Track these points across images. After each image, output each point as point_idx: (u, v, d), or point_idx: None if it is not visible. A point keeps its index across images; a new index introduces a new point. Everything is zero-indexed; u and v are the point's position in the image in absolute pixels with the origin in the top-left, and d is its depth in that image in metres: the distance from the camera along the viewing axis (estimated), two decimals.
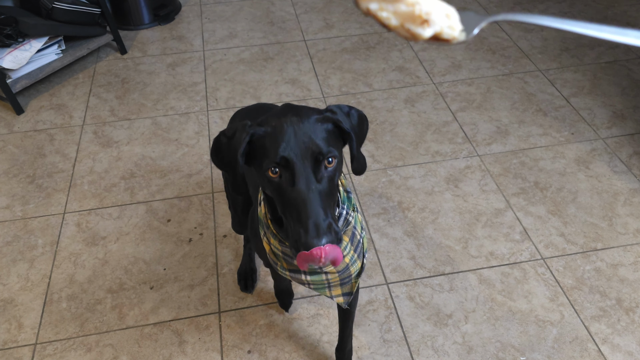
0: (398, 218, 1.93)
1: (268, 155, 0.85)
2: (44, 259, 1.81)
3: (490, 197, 2.00)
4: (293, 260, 1.06)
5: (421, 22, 0.46)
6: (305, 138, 0.84)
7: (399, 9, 0.45)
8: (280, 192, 0.86)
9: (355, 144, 0.93)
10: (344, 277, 1.10)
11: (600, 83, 2.53)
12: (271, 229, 1.04)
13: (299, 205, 0.82)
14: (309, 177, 0.83)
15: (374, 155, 2.18)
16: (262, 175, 0.88)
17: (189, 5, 3.22)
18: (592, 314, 1.62)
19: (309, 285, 1.12)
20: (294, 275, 1.10)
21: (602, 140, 2.21)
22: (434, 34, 0.47)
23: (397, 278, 1.73)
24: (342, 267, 1.07)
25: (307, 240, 0.80)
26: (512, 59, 2.71)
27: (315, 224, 0.81)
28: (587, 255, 1.79)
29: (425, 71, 2.64)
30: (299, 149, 0.83)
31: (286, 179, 0.85)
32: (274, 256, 1.09)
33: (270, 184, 0.87)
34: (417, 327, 1.60)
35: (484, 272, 1.74)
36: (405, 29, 0.46)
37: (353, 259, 1.09)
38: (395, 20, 0.46)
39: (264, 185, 0.90)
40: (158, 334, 1.60)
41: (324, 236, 0.80)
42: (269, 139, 0.85)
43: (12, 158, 2.20)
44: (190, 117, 2.40)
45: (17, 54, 2.35)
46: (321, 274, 1.08)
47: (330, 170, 0.86)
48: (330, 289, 1.13)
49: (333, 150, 0.85)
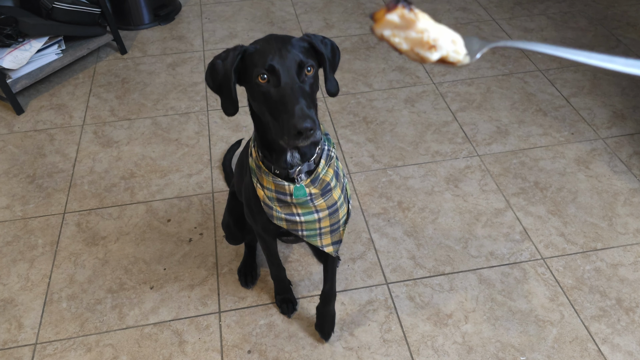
0: (398, 218, 1.93)
1: (257, 65, 0.99)
2: (44, 258, 1.81)
3: (490, 197, 2.00)
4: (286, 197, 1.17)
5: (429, 47, 0.51)
6: (288, 52, 0.99)
7: (410, 36, 0.52)
8: (268, 96, 0.99)
9: (328, 65, 1.10)
10: (333, 222, 1.24)
11: (600, 83, 2.53)
12: (263, 168, 1.16)
13: (286, 99, 0.96)
14: (293, 78, 0.98)
15: (374, 155, 2.18)
16: (252, 86, 1.02)
17: (189, 5, 3.22)
18: (592, 314, 1.62)
19: (303, 233, 1.23)
20: (289, 218, 1.20)
21: (602, 140, 2.21)
22: (440, 57, 0.52)
23: (397, 278, 1.73)
24: (332, 203, 1.20)
25: (294, 122, 0.92)
26: (512, 59, 2.71)
27: (300, 109, 0.94)
28: (587, 255, 1.79)
29: (425, 71, 2.64)
30: (283, 59, 0.98)
31: (273, 83, 0.99)
32: (269, 201, 1.19)
33: (260, 90, 1.00)
34: (417, 327, 1.60)
35: (484, 272, 1.74)
36: (415, 52, 0.52)
37: (341, 200, 1.23)
38: (406, 45, 0.52)
39: (254, 96, 1.03)
40: (158, 334, 1.60)
41: (307, 119, 0.93)
42: (258, 54, 1.01)
43: (12, 158, 2.20)
44: (190, 117, 2.40)
45: (17, 54, 2.35)
46: (313, 213, 1.20)
47: (310, 77, 1.02)
48: (321, 238, 1.26)
49: (310, 61, 1.02)
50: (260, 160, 1.17)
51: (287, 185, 1.16)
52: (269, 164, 1.16)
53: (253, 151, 1.20)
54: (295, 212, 1.20)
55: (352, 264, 1.77)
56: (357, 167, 2.13)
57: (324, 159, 1.18)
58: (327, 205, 1.20)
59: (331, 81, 1.14)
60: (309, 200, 1.18)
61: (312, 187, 1.17)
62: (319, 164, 1.17)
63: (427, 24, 0.51)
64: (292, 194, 1.16)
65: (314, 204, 1.19)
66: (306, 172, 1.16)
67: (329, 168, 1.19)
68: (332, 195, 1.20)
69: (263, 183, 1.18)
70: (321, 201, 1.19)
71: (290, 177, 1.15)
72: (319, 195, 1.18)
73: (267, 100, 0.99)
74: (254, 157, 1.19)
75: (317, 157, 1.17)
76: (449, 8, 3.14)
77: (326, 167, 1.18)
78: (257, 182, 1.20)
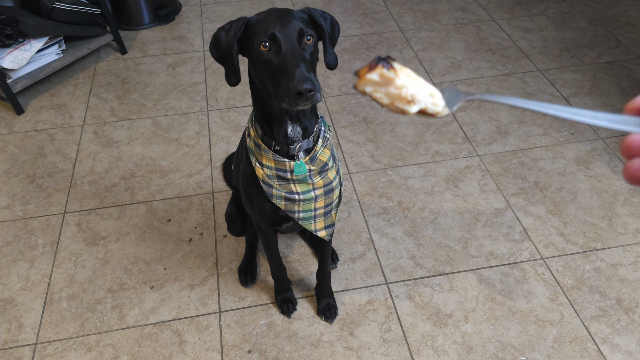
0: (398, 218, 1.93)
1: (259, 34, 1.02)
2: (44, 258, 1.81)
3: (490, 197, 2.00)
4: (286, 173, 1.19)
5: (407, 102, 0.55)
6: (289, 22, 1.02)
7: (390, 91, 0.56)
8: (270, 63, 1.01)
9: (327, 38, 1.12)
10: (327, 202, 1.28)
11: (600, 83, 2.53)
12: (262, 145, 1.18)
13: (286, 63, 0.98)
14: (293, 45, 1.01)
15: (373, 155, 2.18)
16: (255, 54, 1.04)
17: (189, 6, 3.22)
18: (592, 314, 1.62)
19: (299, 215, 1.27)
20: (289, 196, 1.23)
21: (601, 140, 2.21)
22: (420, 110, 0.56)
23: (397, 278, 1.73)
24: (328, 182, 1.25)
25: (294, 84, 0.94)
26: (512, 59, 2.71)
27: (301, 72, 0.96)
28: (587, 255, 1.79)
29: (425, 71, 2.65)
30: (284, 28, 1.01)
31: (275, 50, 1.01)
32: (268, 180, 1.22)
33: (262, 58, 1.02)
34: (417, 326, 1.60)
35: (483, 272, 1.75)
36: (395, 106, 0.56)
37: (336, 180, 1.28)
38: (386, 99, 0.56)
39: (256, 64, 1.05)
40: (158, 334, 1.60)
41: (307, 81, 0.95)
42: (260, 24, 1.04)
43: (13, 158, 2.20)
44: (190, 117, 2.40)
45: (18, 54, 2.35)
46: (311, 191, 1.23)
47: (310, 45, 1.04)
48: (315, 220, 1.30)
49: (310, 30, 1.04)
50: (260, 138, 1.19)
51: (288, 162, 1.19)
52: (269, 140, 1.18)
53: (251, 130, 1.22)
54: (294, 191, 1.23)
55: (352, 264, 1.78)
56: (357, 167, 2.13)
57: (321, 139, 1.22)
58: (323, 183, 1.25)
59: (330, 54, 1.17)
60: (308, 176, 1.22)
61: (310, 165, 1.21)
62: (317, 143, 1.21)
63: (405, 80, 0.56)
64: (293, 171, 1.20)
65: (312, 181, 1.23)
66: (304, 150, 1.19)
67: (325, 149, 1.23)
68: (327, 175, 1.25)
69: (262, 161, 1.21)
70: (318, 179, 1.24)
71: (290, 153, 1.18)
72: (317, 173, 1.23)
73: (268, 67, 1.02)
74: (253, 135, 1.21)
75: (315, 136, 1.20)
76: (449, 8, 3.14)
77: (323, 147, 1.22)
78: (256, 161, 1.22)
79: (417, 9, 3.15)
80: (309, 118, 1.17)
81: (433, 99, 0.56)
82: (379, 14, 3.11)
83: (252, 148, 1.23)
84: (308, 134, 1.18)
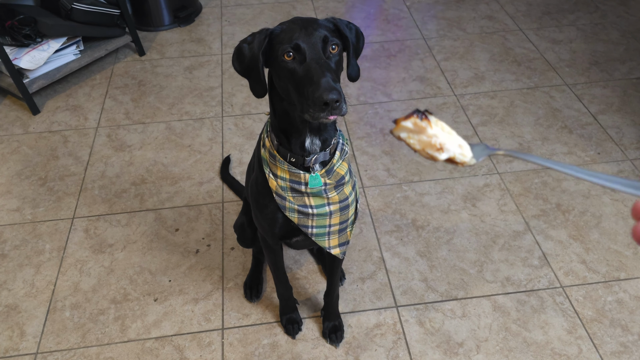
0: (411, 237, 1.86)
1: (283, 43, 0.99)
2: (50, 264, 1.79)
3: (509, 218, 1.92)
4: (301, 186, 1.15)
5: (437, 149, 0.61)
6: (314, 30, 1.00)
7: (422, 139, 0.62)
8: (294, 72, 0.98)
9: (352, 49, 1.09)
10: (343, 219, 1.24)
11: (631, 100, 2.42)
12: (278, 156, 1.15)
13: (312, 72, 0.95)
14: (318, 54, 0.98)
15: (389, 169, 2.11)
16: (278, 64, 1.01)
17: (209, 7, 3.19)
18: (612, 350, 1.54)
19: (313, 230, 1.22)
20: (302, 209, 1.19)
21: (630, 162, 2.11)
22: (448, 158, 0.62)
23: (408, 301, 1.67)
24: (344, 197, 1.21)
25: (320, 93, 0.91)
26: (538, 72, 2.62)
27: (327, 82, 0.93)
28: (609, 285, 1.70)
29: (447, 82, 2.57)
30: (309, 37, 0.99)
31: (299, 59, 0.98)
32: (282, 191, 1.18)
33: (286, 67, 0.99)
34: (425, 354, 1.54)
35: (498, 299, 1.67)
36: (426, 152, 0.62)
37: (352, 196, 1.24)
38: (418, 145, 0.63)
39: (280, 75, 1.02)
40: (159, 349, 1.56)
41: (334, 91, 0.91)
42: (284, 34, 1.01)
43: (26, 159, 2.20)
44: (204, 122, 2.36)
45: (35, 54, 2.35)
46: (325, 205, 1.19)
47: (335, 54, 1.01)
48: (329, 237, 1.26)
49: (335, 39, 1.01)
50: (275, 149, 1.15)
51: (303, 174, 1.15)
52: (284, 151, 1.14)
53: (267, 140, 1.18)
54: (308, 204, 1.19)
55: (361, 284, 1.72)
56: (372, 180, 2.07)
57: (339, 151, 1.18)
58: (339, 198, 1.20)
59: (353, 66, 1.13)
60: (323, 190, 1.17)
61: (326, 178, 1.17)
62: (334, 155, 1.17)
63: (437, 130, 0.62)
64: (308, 183, 1.16)
65: (327, 195, 1.19)
66: (321, 162, 1.15)
67: (343, 162, 1.19)
68: (343, 190, 1.21)
69: (277, 172, 1.17)
70: (334, 194, 1.19)
71: (306, 165, 1.14)
72: (333, 187, 1.18)
73: (293, 76, 0.99)
74: (268, 146, 1.17)
75: (333, 148, 1.16)
76: (475, 16, 3.05)
77: (341, 160, 1.19)
78: (270, 172, 1.18)
79: (442, 16, 3.07)
80: (329, 130, 1.13)
81: (461, 149, 0.62)
82: (401, 20, 3.04)
83: (267, 159, 1.19)
84: (326, 147, 1.14)
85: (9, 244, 1.86)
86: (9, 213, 1.97)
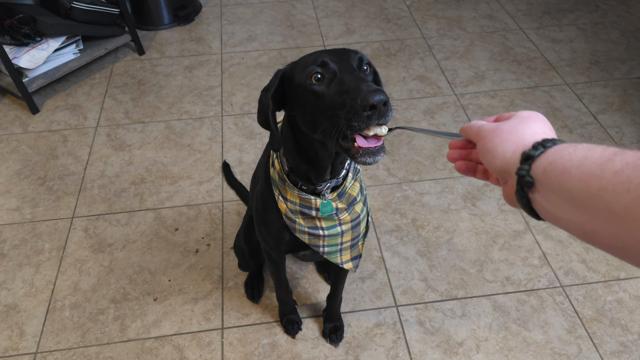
0: (411, 236, 1.86)
1: (307, 66, 0.86)
2: (50, 264, 1.79)
3: (508, 217, 1.92)
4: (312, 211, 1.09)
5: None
6: (340, 52, 0.88)
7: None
8: (323, 96, 0.84)
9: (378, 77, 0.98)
10: (354, 235, 1.18)
11: (631, 100, 2.42)
12: (287, 181, 1.07)
13: (348, 84, 0.80)
14: (351, 68, 0.85)
15: (389, 169, 2.11)
16: (302, 95, 0.87)
17: (209, 6, 3.19)
18: (612, 349, 1.53)
19: (324, 249, 1.17)
20: (312, 232, 1.13)
21: None
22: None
23: (408, 300, 1.67)
24: (355, 217, 1.15)
25: (365, 96, 0.76)
26: (539, 71, 2.61)
27: (367, 86, 0.78)
28: (609, 285, 1.70)
29: (447, 81, 2.56)
30: (336, 56, 0.86)
31: (329, 78, 0.84)
32: (291, 215, 1.12)
33: (312, 91, 0.85)
34: (425, 354, 1.53)
35: (498, 298, 1.67)
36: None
37: (363, 212, 1.17)
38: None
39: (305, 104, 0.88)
40: (159, 349, 1.56)
41: (379, 92, 0.76)
42: (298, 67, 0.89)
43: (25, 159, 2.19)
44: (204, 122, 2.36)
45: (35, 54, 2.34)
46: (337, 226, 1.13)
47: (369, 74, 0.90)
48: (341, 254, 1.21)
49: (367, 59, 0.90)
50: (286, 174, 1.08)
51: (314, 200, 1.08)
52: (295, 179, 1.07)
53: (276, 162, 1.10)
54: (319, 226, 1.14)
55: (361, 284, 1.71)
56: (372, 180, 2.06)
57: (351, 172, 1.11)
58: (351, 218, 1.15)
59: None
60: (334, 214, 1.13)
61: (338, 202, 1.11)
62: (346, 178, 1.11)
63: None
64: (319, 209, 1.10)
65: (339, 218, 1.14)
66: (332, 187, 1.09)
67: (355, 182, 1.13)
68: (355, 209, 1.15)
69: (287, 196, 1.11)
70: (346, 215, 1.14)
71: (317, 191, 1.08)
72: (344, 209, 1.13)
73: (322, 100, 0.84)
74: (278, 169, 1.10)
75: (345, 172, 1.10)
76: (475, 15, 3.05)
77: (353, 181, 1.12)
78: (279, 194, 1.12)
79: (442, 15, 3.06)
80: (342, 160, 1.05)
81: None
82: (402, 19, 3.03)
83: (277, 180, 1.12)
84: (335, 175, 1.07)
85: (9, 243, 1.86)
86: (8, 212, 1.97)
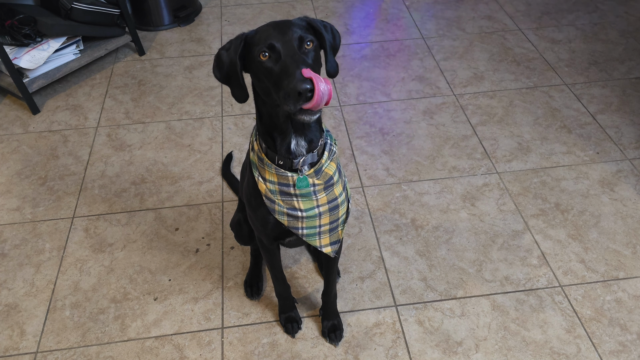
0: (410, 236, 1.86)
1: (259, 44, 1.02)
2: (50, 264, 1.80)
3: (508, 217, 1.92)
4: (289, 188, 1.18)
5: None
6: (288, 29, 1.03)
7: None
8: (271, 72, 1.00)
9: (328, 46, 1.11)
10: (333, 219, 1.25)
11: (630, 100, 2.43)
12: (265, 159, 1.17)
13: (287, 67, 0.97)
14: (293, 50, 1.00)
15: (388, 169, 2.12)
16: (256, 65, 1.04)
17: (209, 7, 3.19)
18: (611, 349, 1.54)
19: (303, 232, 1.24)
20: (291, 213, 1.21)
21: (629, 161, 2.12)
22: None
23: (407, 300, 1.67)
24: (332, 198, 1.22)
25: (295, 84, 0.93)
26: (538, 72, 2.62)
27: (301, 74, 0.94)
28: (608, 285, 1.70)
29: (446, 82, 2.57)
30: (283, 36, 1.02)
31: (274, 58, 1.01)
32: (271, 195, 1.20)
33: (263, 67, 1.02)
34: (425, 353, 1.54)
35: (497, 298, 1.67)
36: None
37: (342, 197, 1.25)
38: None
39: (259, 75, 1.04)
40: (159, 348, 1.57)
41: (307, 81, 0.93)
42: (258, 36, 1.04)
43: (26, 159, 2.20)
44: (204, 122, 2.37)
45: (35, 54, 2.35)
46: (315, 208, 1.21)
47: (310, 50, 1.04)
48: (320, 237, 1.27)
49: (309, 36, 1.04)
50: (264, 152, 1.18)
51: (291, 176, 1.17)
52: (272, 155, 1.17)
53: (255, 144, 1.21)
54: (297, 207, 1.21)
55: (360, 283, 1.72)
56: (371, 180, 2.07)
57: (327, 152, 1.20)
58: (327, 199, 1.22)
59: (331, 62, 1.16)
60: (312, 192, 1.19)
61: (315, 179, 1.19)
62: (322, 156, 1.19)
63: None
64: (295, 185, 1.18)
65: (316, 197, 1.21)
66: (309, 163, 1.18)
67: (331, 162, 1.21)
68: (333, 190, 1.22)
69: (265, 176, 1.20)
70: (323, 195, 1.21)
71: (294, 168, 1.17)
72: (322, 189, 1.20)
73: (270, 75, 1.01)
74: (257, 149, 1.20)
75: (321, 149, 1.19)
76: (474, 16, 3.06)
77: (329, 161, 1.21)
78: (259, 175, 1.21)
79: (441, 16, 3.07)
80: (314, 131, 1.15)
81: None
82: (401, 20, 3.04)
83: (256, 162, 1.22)
84: (312, 148, 1.16)
85: (9, 243, 1.87)
86: (9, 212, 1.97)
